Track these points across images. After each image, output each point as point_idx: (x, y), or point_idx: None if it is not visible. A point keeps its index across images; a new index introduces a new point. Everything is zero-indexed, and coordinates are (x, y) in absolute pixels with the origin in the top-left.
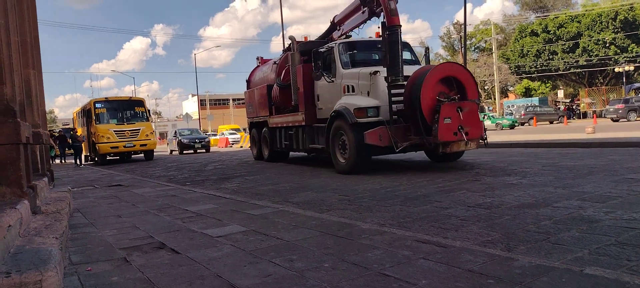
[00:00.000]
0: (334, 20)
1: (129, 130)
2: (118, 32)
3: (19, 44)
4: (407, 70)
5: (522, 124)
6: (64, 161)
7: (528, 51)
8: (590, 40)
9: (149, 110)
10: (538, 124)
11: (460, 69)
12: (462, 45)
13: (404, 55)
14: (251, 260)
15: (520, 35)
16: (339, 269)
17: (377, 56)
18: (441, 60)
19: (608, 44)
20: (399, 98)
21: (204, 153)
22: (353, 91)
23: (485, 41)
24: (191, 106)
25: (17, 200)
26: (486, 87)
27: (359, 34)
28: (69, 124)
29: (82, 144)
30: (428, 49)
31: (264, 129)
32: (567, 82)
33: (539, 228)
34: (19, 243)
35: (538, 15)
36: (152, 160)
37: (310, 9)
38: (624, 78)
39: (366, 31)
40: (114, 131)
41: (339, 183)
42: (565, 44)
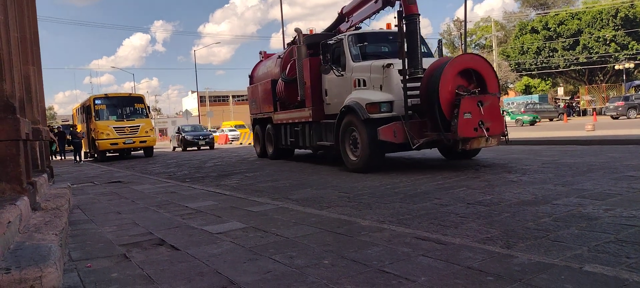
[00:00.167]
0: (342, 12)
1: (129, 127)
2: (118, 29)
3: (18, 40)
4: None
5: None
6: (63, 157)
7: (528, 48)
8: (590, 38)
9: (148, 107)
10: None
11: (481, 60)
12: (463, 42)
13: None
14: (251, 256)
15: (520, 33)
16: (338, 266)
17: (388, 49)
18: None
19: (608, 41)
20: (414, 92)
21: (207, 150)
22: (364, 85)
23: (486, 38)
24: (191, 103)
25: (17, 196)
26: None
27: (369, 25)
28: (68, 121)
29: (82, 141)
30: (441, 41)
31: (268, 125)
32: (567, 80)
33: (539, 225)
34: (19, 240)
35: (538, 12)
36: (151, 156)
37: (310, 5)
38: (624, 75)
39: (372, 24)
40: (114, 128)
41: (339, 180)
42: (565, 41)
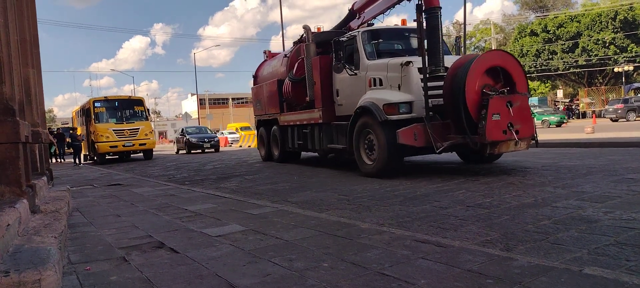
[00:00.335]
0: (353, 8)
1: (128, 130)
2: (117, 31)
3: (18, 43)
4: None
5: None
6: (63, 160)
7: (527, 51)
8: (589, 40)
9: (148, 110)
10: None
11: (509, 57)
12: (462, 44)
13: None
14: (250, 259)
15: (519, 35)
16: (338, 269)
17: (404, 46)
18: None
19: (607, 44)
20: (436, 92)
21: (212, 152)
22: (380, 84)
23: (485, 41)
24: (190, 105)
25: (16, 199)
26: None
27: (382, 21)
28: (68, 123)
29: (82, 143)
30: (460, 38)
31: (274, 127)
32: (566, 82)
33: (538, 228)
34: (18, 243)
35: (538, 15)
36: (151, 159)
37: (310, 8)
38: (623, 78)
39: (385, 21)
40: (113, 130)
41: (338, 182)
42: (564, 43)
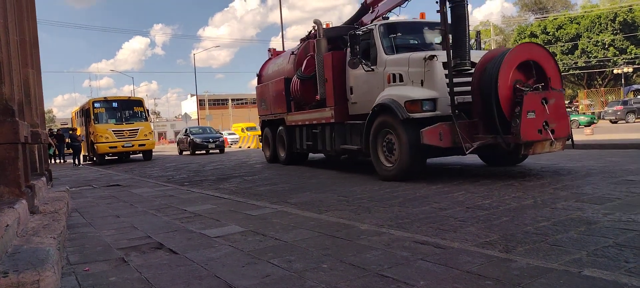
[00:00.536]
0: (366, 2)
1: (128, 130)
2: (117, 32)
3: (18, 43)
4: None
5: None
6: (62, 161)
7: None
8: (589, 42)
9: (147, 110)
10: None
11: (542, 51)
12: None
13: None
14: (249, 260)
15: (519, 37)
16: (337, 270)
17: (421, 41)
18: None
19: (607, 46)
20: (463, 88)
21: (217, 153)
22: (401, 80)
23: (485, 42)
24: (190, 106)
25: (15, 199)
26: None
27: (399, 15)
28: (67, 124)
29: (81, 144)
30: (479, 33)
31: (280, 127)
32: (565, 84)
33: (538, 229)
34: (17, 243)
35: (537, 17)
36: (150, 160)
37: (310, 9)
38: (622, 80)
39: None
40: (113, 131)
41: (338, 184)
42: (564, 45)
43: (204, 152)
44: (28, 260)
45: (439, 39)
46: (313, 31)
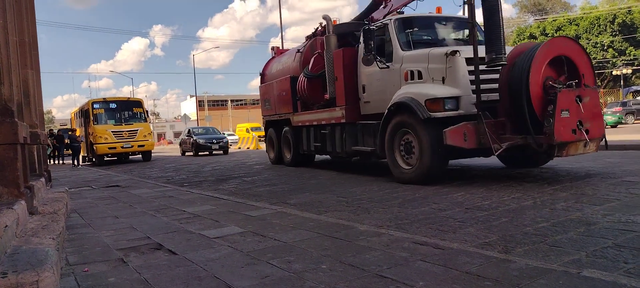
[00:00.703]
0: None
1: (127, 131)
2: (116, 33)
3: (17, 44)
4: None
5: None
6: (62, 162)
7: None
8: (588, 43)
9: (147, 111)
10: None
11: (575, 45)
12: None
13: (467, 34)
14: (249, 261)
15: (518, 38)
16: (336, 271)
17: (439, 36)
18: None
19: (606, 47)
20: (488, 86)
21: (221, 155)
22: (419, 78)
23: None
24: (189, 107)
25: (14, 200)
26: None
27: (415, 9)
28: (66, 124)
29: (81, 144)
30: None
31: (286, 128)
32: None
33: (537, 230)
34: (16, 244)
35: (536, 18)
36: (150, 160)
37: (309, 10)
38: (621, 81)
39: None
40: (112, 132)
41: (337, 185)
42: None
43: (207, 153)
44: (27, 260)
45: (455, 35)
46: (320, 28)
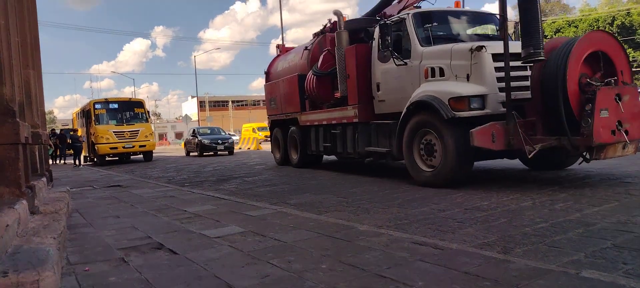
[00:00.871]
0: None
1: (129, 131)
2: (118, 34)
3: (19, 45)
4: (499, 47)
5: None
6: (64, 161)
7: None
8: None
9: (148, 112)
10: None
11: (613, 41)
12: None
13: (488, 29)
14: (249, 261)
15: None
16: (336, 270)
17: (456, 32)
18: None
19: None
20: (515, 83)
21: (226, 155)
22: (441, 75)
23: None
24: (191, 107)
25: (16, 200)
26: None
27: (434, 2)
28: (68, 125)
29: (82, 144)
30: (518, 24)
31: (292, 128)
32: None
33: (536, 230)
34: (17, 243)
35: None
36: (151, 161)
37: (310, 12)
38: None
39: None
40: (113, 132)
41: (337, 185)
42: None
43: (212, 153)
44: (28, 260)
45: (476, 30)
46: (329, 24)
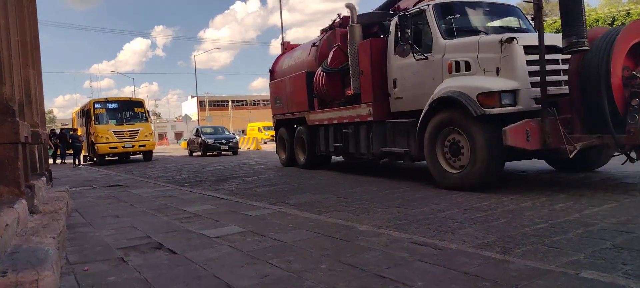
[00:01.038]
0: None
1: (128, 131)
2: (118, 33)
3: (18, 44)
4: (530, 39)
5: None
6: (63, 161)
7: None
8: None
9: (148, 111)
10: None
11: None
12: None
13: (511, 21)
14: (248, 260)
15: None
16: (335, 270)
17: (479, 24)
18: None
19: None
20: (552, 77)
21: (230, 155)
22: (467, 69)
23: None
24: (190, 107)
25: (15, 199)
26: None
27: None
28: (68, 124)
29: (82, 144)
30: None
31: (299, 127)
32: None
33: (535, 231)
34: (16, 243)
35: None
36: (151, 160)
37: (310, 12)
38: None
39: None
40: (113, 131)
41: (337, 185)
42: None
43: (216, 153)
44: (27, 259)
45: (502, 22)
46: (338, 19)
